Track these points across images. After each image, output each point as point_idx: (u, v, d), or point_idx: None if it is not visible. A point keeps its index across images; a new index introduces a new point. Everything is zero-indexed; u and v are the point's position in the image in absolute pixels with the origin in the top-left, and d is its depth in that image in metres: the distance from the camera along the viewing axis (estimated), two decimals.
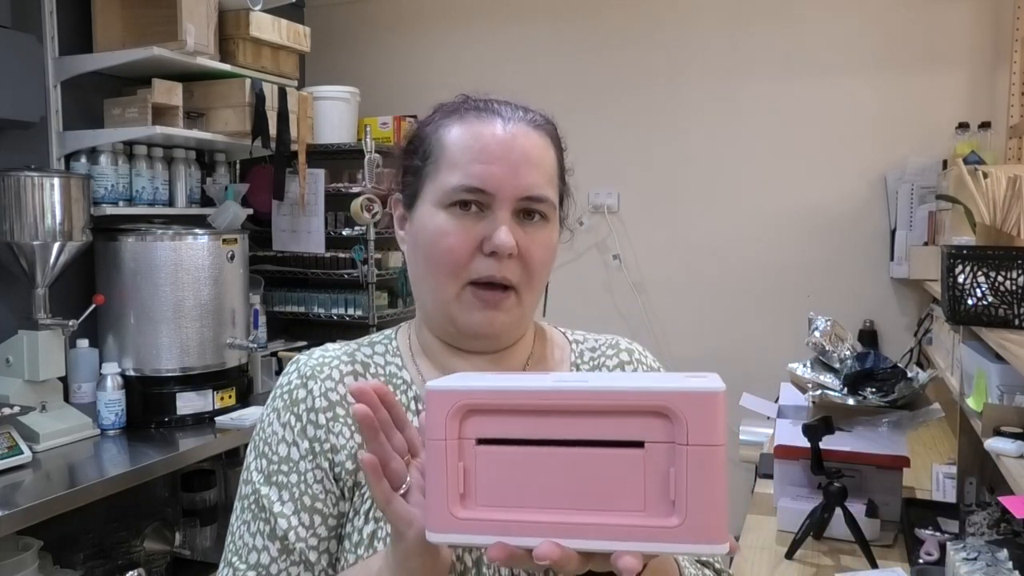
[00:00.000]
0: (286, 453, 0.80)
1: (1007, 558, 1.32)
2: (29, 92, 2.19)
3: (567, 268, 3.13)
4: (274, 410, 0.83)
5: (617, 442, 0.53)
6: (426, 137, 0.82)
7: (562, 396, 0.54)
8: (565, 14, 3.19)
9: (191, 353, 2.40)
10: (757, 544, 1.70)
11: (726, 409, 0.53)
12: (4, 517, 1.67)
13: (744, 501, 1.99)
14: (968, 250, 1.56)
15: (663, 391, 0.52)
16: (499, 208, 0.77)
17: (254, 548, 0.78)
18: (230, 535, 0.81)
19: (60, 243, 2.18)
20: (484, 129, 0.79)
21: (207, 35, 2.45)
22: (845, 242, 2.90)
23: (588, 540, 0.53)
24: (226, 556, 0.81)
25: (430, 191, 0.80)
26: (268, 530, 0.78)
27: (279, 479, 0.79)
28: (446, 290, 0.79)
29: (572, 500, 0.53)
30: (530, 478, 0.54)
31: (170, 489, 2.61)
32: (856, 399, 1.80)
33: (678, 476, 0.52)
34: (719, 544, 0.52)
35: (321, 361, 0.84)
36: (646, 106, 3.11)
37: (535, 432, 0.54)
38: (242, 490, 0.82)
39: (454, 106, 0.83)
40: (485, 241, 0.77)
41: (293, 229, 3.07)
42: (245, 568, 0.78)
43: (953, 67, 2.75)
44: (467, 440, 0.55)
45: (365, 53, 3.47)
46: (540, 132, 0.82)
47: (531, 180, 0.78)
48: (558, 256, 0.85)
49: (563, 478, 0.54)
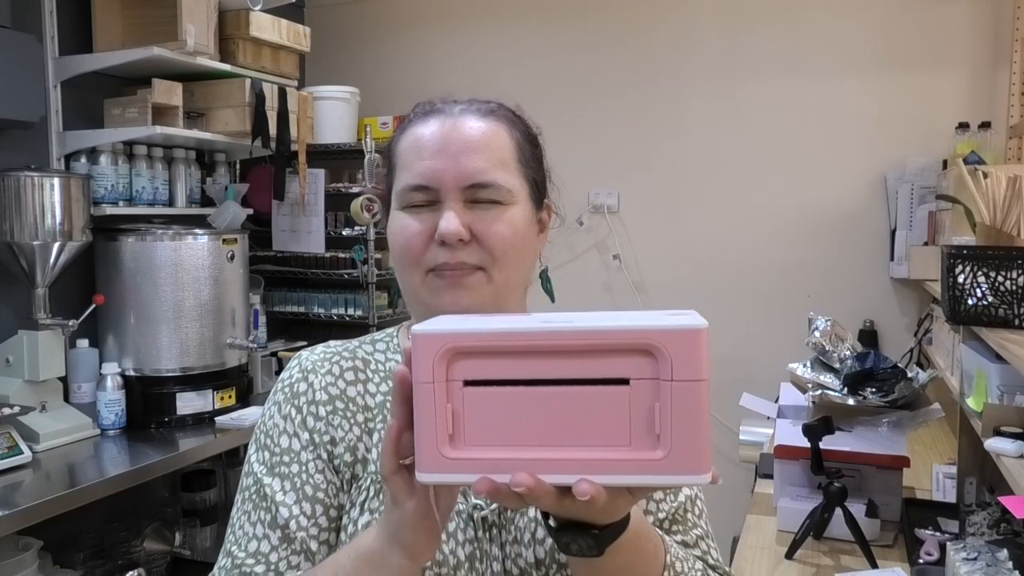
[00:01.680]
0: (287, 444, 0.82)
1: (1007, 558, 1.32)
2: (29, 92, 2.18)
3: (567, 268, 3.13)
4: (275, 403, 0.85)
5: (602, 380, 0.54)
6: (390, 148, 0.87)
7: (548, 336, 0.55)
8: (565, 14, 3.19)
9: (191, 353, 2.40)
10: (757, 544, 1.70)
11: (708, 345, 0.54)
12: (4, 517, 1.67)
13: (744, 501, 1.99)
14: (968, 250, 1.56)
15: (647, 329, 0.54)
16: (447, 199, 0.80)
17: (254, 537, 0.79)
18: (230, 528, 0.83)
19: (60, 243, 2.18)
20: (429, 127, 0.82)
21: (207, 35, 2.45)
22: (845, 242, 2.90)
23: (574, 474, 0.54)
24: (225, 547, 0.82)
25: (394, 196, 0.84)
26: (269, 519, 0.79)
27: (281, 470, 0.81)
28: (412, 279, 0.82)
29: (559, 437, 0.54)
30: (517, 417, 0.55)
31: (170, 489, 2.60)
32: (856, 399, 1.80)
33: (663, 411, 0.53)
34: (702, 474, 0.54)
35: (323, 356, 0.87)
36: (646, 106, 3.11)
37: (521, 372, 0.55)
38: (243, 483, 0.83)
39: (411, 113, 0.87)
40: (437, 231, 0.79)
41: (293, 229, 3.07)
42: (244, 556, 0.79)
43: (953, 67, 2.75)
44: (454, 382, 0.55)
45: (365, 53, 3.47)
46: (489, 118, 0.83)
47: (473, 167, 0.80)
48: (558, 256, 0.86)
49: (550, 416, 0.55)
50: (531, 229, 0.85)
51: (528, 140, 0.87)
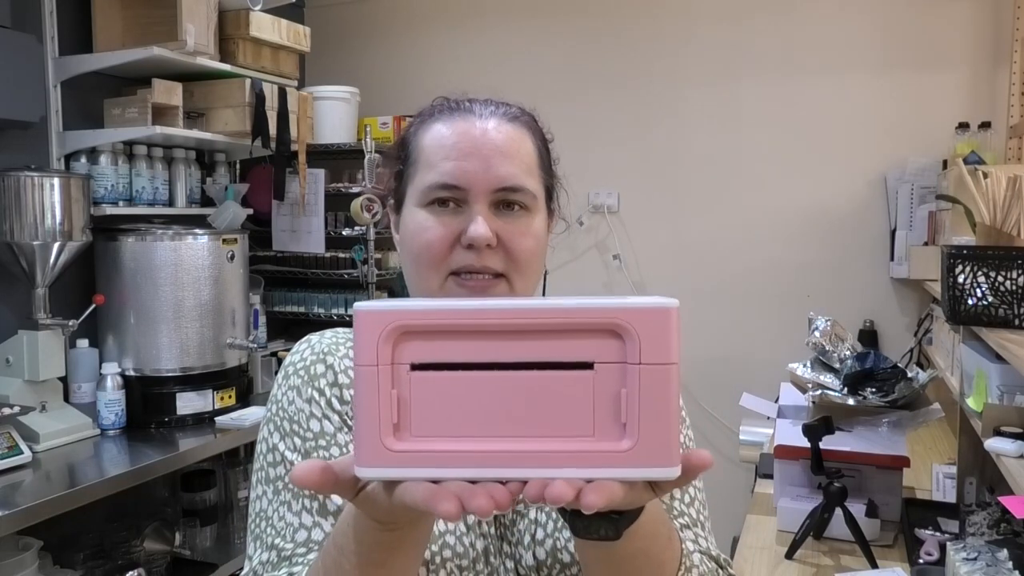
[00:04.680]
0: (319, 428, 0.78)
1: (1007, 558, 1.32)
2: (29, 92, 2.18)
3: (567, 268, 3.13)
4: (291, 388, 0.81)
5: (564, 364, 0.50)
6: (407, 141, 0.85)
7: (505, 315, 0.50)
8: (565, 14, 3.19)
9: (191, 353, 2.40)
10: (757, 544, 1.70)
11: (680, 326, 0.50)
12: (4, 517, 1.67)
13: (744, 501, 2.00)
14: (968, 250, 1.56)
15: (614, 307, 0.50)
16: (475, 202, 0.78)
17: (302, 526, 0.75)
18: (262, 521, 0.77)
19: (60, 243, 2.18)
20: (456, 127, 0.80)
21: (207, 35, 2.45)
22: (845, 242, 2.90)
23: (533, 468, 0.49)
24: (263, 541, 0.76)
25: (412, 193, 0.82)
26: (317, 507, 0.75)
27: (319, 454, 0.77)
28: (430, 282, 0.80)
29: (516, 427, 0.50)
30: (471, 405, 0.50)
31: (170, 489, 2.60)
32: (856, 399, 1.80)
33: (630, 397, 0.49)
34: (671, 467, 0.50)
35: (335, 341, 0.84)
36: (646, 106, 3.11)
37: (475, 355, 0.50)
38: (270, 473, 0.78)
39: (431, 108, 0.85)
40: (463, 234, 0.78)
41: (293, 229, 3.07)
42: (293, 547, 0.74)
43: (953, 67, 2.75)
44: (401, 366, 0.50)
45: (365, 53, 3.47)
46: (515, 124, 0.83)
47: (505, 172, 0.79)
48: (558, 256, 0.86)
49: (507, 404, 0.50)
50: (546, 237, 0.85)
51: (546, 147, 0.87)
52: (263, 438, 0.81)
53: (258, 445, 0.81)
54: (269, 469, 0.79)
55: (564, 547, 0.80)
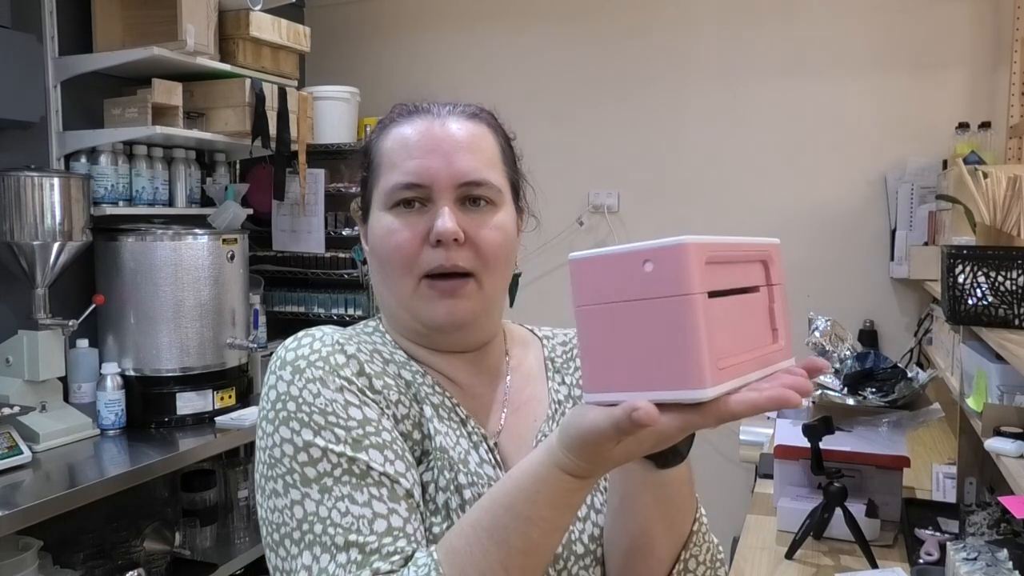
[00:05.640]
0: (362, 416, 0.73)
1: (1007, 558, 1.32)
2: (29, 92, 2.18)
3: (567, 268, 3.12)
4: (313, 380, 0.73)
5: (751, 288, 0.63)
6: (369, 149, 0.86)
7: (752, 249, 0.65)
8: (565, 15, 3.19)
9: (191, 353, 2.40)
10: (757, 544, 1.70)
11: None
12: (4, 517, 1.67)
13: (744, 501, 1.99)
14: (968, 250, 1.56)
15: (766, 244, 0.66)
16: (440, 199, 0.79)
17: (377, 516, 0.69)
18: (316, 524, 0.69)
19: (60, 243, 2.18)
20: (416, 127, 0.81)
21: (207, 35, 2.45)
22: (845, 242, 2.90)
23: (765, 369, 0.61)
24: (327, 544, 0.68)
25: (377, 197, 0.83)
26: (387, 493, 0.70)
27: (372, 440, 0.72)
28: (403, 287, 0.80)
29: (747, 339, 0.61)
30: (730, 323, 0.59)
31: (170, 489, 2.60)
32: (856, 399, 1.80)
33: (777, 310, 0.66)
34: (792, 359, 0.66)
35: (343, 334, 0.80)
36: (646, 106, 3.11)
37: (727, 282, 0.60)
38: (309, 473, 0.71)
39: (390, 115, 0.86)
40: (430, 232, 0.78)
41: (293, 229, 3.08)
42: (376, 539, 0.68)
43: (953, 67, 2.75)
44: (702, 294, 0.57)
45: (365, 53, 3.47)
46: (475, 120, 0.84)
47: (467, 165, 0.80)
48: (558, 256, 0.86)
49: (739, 320, 0.61)
50: (515, 233, 0.85)
51: (508, 143, 0.88)
52: (285, 439, 0.72)
53: (276, 448, 0.72)
54: (306, 469, 0.71)
55: (579, 538, 0.80)
